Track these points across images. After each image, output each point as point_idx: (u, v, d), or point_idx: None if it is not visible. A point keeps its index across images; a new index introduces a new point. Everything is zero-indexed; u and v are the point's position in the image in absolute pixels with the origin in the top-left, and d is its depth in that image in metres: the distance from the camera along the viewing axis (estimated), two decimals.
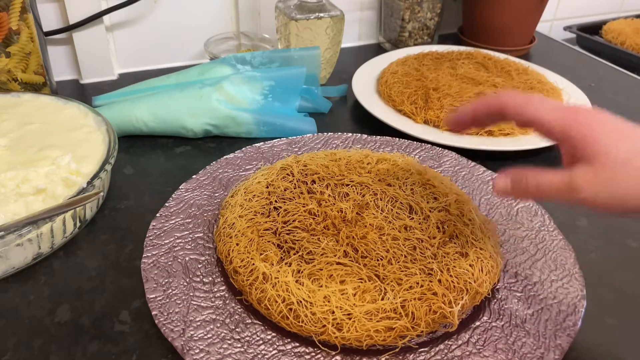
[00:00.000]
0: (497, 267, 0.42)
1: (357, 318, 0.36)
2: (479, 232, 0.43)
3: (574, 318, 0.38)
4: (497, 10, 0.85)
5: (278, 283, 0.38)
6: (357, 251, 0.41)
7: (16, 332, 0.39)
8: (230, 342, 0.36)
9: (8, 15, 0.61)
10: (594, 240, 0.49)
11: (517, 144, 0.59)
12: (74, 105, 0.56)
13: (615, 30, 1.00)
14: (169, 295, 0.39)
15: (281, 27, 0.72)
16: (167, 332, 0.36)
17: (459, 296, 0.38)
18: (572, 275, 0.42)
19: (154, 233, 0.45)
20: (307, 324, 0.36)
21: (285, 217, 0.44)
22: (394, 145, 0.58)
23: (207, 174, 0.52)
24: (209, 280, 0.41)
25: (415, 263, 0.40)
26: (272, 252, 0.41)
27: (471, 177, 0.54)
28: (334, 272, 0.39)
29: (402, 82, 0.69)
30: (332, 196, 0.46)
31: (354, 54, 0.87)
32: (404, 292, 0.38)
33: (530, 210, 0.49)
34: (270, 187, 0.47)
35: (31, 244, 0.43)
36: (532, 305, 0.40)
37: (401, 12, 0.83)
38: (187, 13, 0.77)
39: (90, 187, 0.45)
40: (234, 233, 0.43)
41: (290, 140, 0.58)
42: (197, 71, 0.66)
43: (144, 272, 0.41)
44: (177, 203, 0.48)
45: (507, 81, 0.70)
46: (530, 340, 0.37)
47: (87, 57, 0.73)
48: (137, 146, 0.60)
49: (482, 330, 0.38)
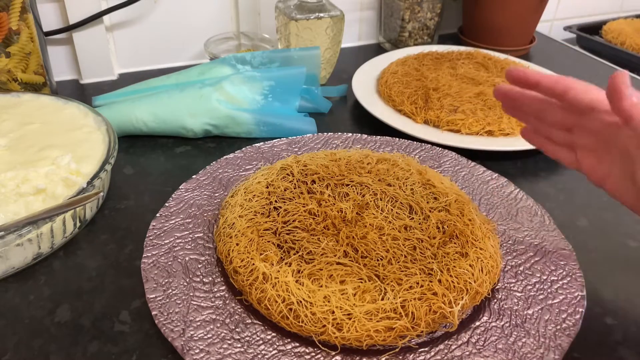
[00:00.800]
0: (497, 267, 0.42)
1: (357, 318, 0.36)
2: (479, 232, 0.43)
3: (574, 318, 0.38)
4: (497, 10, 0.85)
5: (278, 283, 0.38)
6: (357, 251, 0.41)
7: (16, 332, 0.39)
8: (230, 342, 0.36)
9: (8, 15, 0.61)
10: (594, 240, 0.49)
11: (517, 144, 0.59)
12: (74, 105, 0.56)
13: (615, 30, 1.00)
14: (169, 295, 0.39)
15: (281, 27, 0.72)
16: (167, 332, 0.36)
17: (459, 296, 0.38)
18: (572, 275, 0.42)
19: (154, 233, 0.45)
20: (307, 324, 0.36)
21: (285, 217, 0.44)
22: (394, 145, 0.58)
23: (207, 174, 0.52)
24: (209, 280, 0.41)
25: (415, 263, 0.40)
26: (272, 252, 0.41)
27: (471, 177, 0.54)
28: (334, 272, 0.39)
29: (402, 82, 0.69)
30: (332, 196, 0.46)
31: (354, 54, 0.87)
32: (404, 292, 0.38)
33: (530, 210, 0.49)
34: (270, 187, 0.47)
35: (31, 244, 0.43)
36: (532, 306, 0.40)
37: (401, 12, 0.83)
38: (187, 13, 0.77)
39: (90, 187, 0.45)
40: (234, 233, 0.43)
41: (290, 140, 0.58)
42: (197, 71, 0.66)
43: (144, 272, 0.41)
44: (177, 203, 0.48)
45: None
46: (531, 340, 0.37)
47: (87, 57, 0.73)
48: (137, 146, 0.60)
49: (482, 330, 0.38)
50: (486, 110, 0.63)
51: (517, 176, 0.57)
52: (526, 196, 0.50)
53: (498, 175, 0.54)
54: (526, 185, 0.55)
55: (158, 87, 0.64)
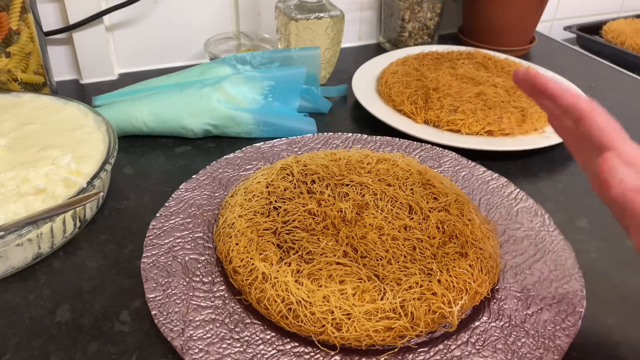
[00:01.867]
0: (497, 267, 0.42)
1: (357, 318, 0.36)
2: (478, 232, 0.43)
3: (573, 318, 0.38)
4: (497, 10, 0.85)
5: (277, 283, 0.38)
6: (357, 251, 0.41)
7: (16, 332, 0.39)
8: (230, 342, 0.36)
9: (8, 15, 0.61)
10: (594, 240, 0.49)
11: (517, 144, 0.59)
12: (74, 105, 0.56)
13: (615, 30, 1.00)
14: (168, 295, 0.39)
15: (281, 27, 0.72)
16: (167, 331, 0.36)
17: (458, 296, 0.38)
18: (571, 275, 0.42)
19: (154, 233, 0.45)
20: (307, 324, 0.36)
21: (285, 217, 0.44)
22: (394, 145, 0.58)
23: (207, 174, 0.52)
24: (209, 280, 0.41)
25: (414, 263, 0.40)
26: (271, 252, 0.41)
27: (471, 177, 0.54)
28: (334, 272, 0.39)
29: (402, 82, 0.69)
30: (331, 196, 0.46)
31: (354, 54, 0.87)
32: (403, 292, 0.38)
33: (530, 211, 0.49)
34: (270, 187, 0.47)
35: (31, 244, 0.43)
36: (531, 306, 0.40)
37: (401, 12, 0.83)
38: (187, 13, 0.77)
39: (90, 187, 0.45)
40: (234, 233, 0.43)
41: (290, 140, 0.58)
42: (197, 71, 0.66)
43: (144, 271, 0.41)
44: (177, 203, 0.48)
45: (507, 81, 0.70)
46: (530, 340, 0.37)
47: (87, 57, 0.73)
48: (137, 146, 0.60)
49: (481, 330, 0.38)
50: (486, 110, 0.63)
51: (517, 176, 0.57)
52: (526, 196, 0.50)
53: (498, 176, 0.54)
54: (526, 185, 0.55)
55: (158, 87, 0.64)
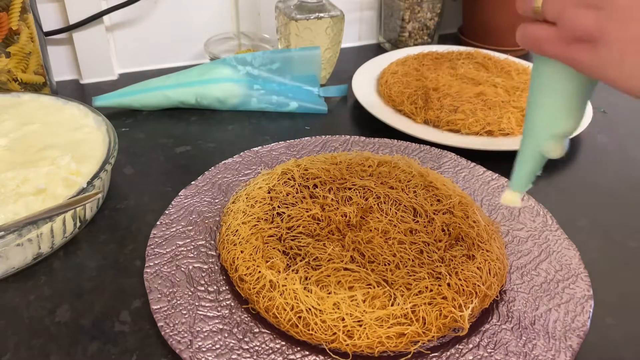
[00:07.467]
0: (504, 268, 0.41)
1: (368, 325, 0.36)
2: (484, 234, 0.43)
3: (582, 318, 0.38)
4: (497, 10, 0.85)
5: (286, 291, 0.37)
6: (364, 256, 0.41)
7: (16, 332, 0.39)
8: (239, 352, 0.35)
9: (8, 15, 0.61)
10: (594, 240, 0.48)
11: (517, 144, 0.59)
12: (74, 106, 0.56)
13: None
14: (174, 306, 0.38)
15: (281, 27, 0.72)
16: (175, 344, 0.36)
17: (468, 300, 0.38)
18: (577, 275, 0.42)
19: (155, 241, 0.44)
20: (317, 332, 0.36)
21: (289, 223, 0.43)
22: (392, 147, 0.58)
23: (205, 180, 0.52)
24: (214, 289, 0.40)
25: (423, 267, 0.40)
26: (278, 259, 0.40)
27: (471, 177, 0.54)
28: (342, 278, 0.38)
29: (402, 82, 0.69)
30: (335, 200, 0.45)
31: (354, 54, 0.87)
32: (413, 297, 0.37)
33: (532, 211, 0.49)
34: (272, 193, 0.46)
35: (31, 244, 0.43)
36: (539, 307, 0.39)
37: (401, 12, 0.83)
38: (187, 13, 0.76)
39: (90, 187, 0.45)
40: (238, 240, 0.42)
41: (288, 144, 0.58)
42: (197, 71, 0.66)
43: (147, 282, 0.40)
44: (177, 210, 0.47)
45: (507, 81, 0.70)
46: (541, 342, 0.37)
47: (87, 57, 0.73)
48: (137, 146, 0.60)
49: (491, 333, 0.38)
50: (486, 110, 0.63)
51: None
52: (527, 196, 0.50)
53: (498, 176, 0.54)
54: None
55: (158, 87, 0.64)
